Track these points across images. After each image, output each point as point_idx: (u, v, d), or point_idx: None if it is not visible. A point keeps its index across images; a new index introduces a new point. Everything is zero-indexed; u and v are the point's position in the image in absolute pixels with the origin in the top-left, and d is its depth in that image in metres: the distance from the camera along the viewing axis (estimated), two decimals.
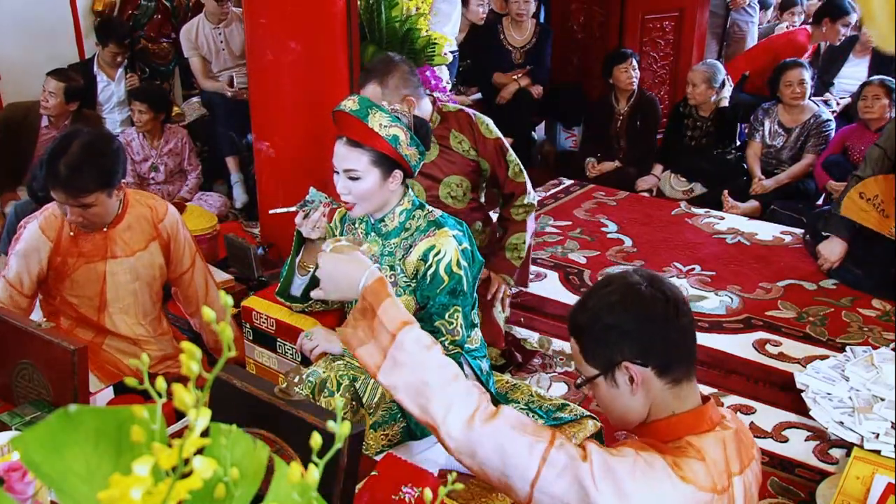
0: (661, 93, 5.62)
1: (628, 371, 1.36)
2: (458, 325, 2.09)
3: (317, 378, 2.13)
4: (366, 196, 2.10)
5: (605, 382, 1.39)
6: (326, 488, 1.39)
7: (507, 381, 2.38)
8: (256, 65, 3.65)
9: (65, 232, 2.43)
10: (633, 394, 1.38)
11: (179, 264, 2.65)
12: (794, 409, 2.92)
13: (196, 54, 4.92)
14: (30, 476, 1.23)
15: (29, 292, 2.47)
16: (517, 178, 3.03)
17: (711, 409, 1.41)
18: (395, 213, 2.16)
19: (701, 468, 1.28)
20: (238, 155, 4.83)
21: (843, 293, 3.76)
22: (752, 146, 4.85)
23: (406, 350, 1.36)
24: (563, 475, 1.25)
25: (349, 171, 2.08)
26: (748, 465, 1.39)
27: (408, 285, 2.13)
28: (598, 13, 5.60)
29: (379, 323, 1.39)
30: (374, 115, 2.05)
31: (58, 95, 4.21)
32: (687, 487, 1.25)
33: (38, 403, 1.97)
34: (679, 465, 1.27)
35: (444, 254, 2.06)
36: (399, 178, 2.12)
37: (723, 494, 1.30)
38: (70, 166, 2.25)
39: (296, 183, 3.71)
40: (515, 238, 3.06)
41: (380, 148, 2.05)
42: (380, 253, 2.17)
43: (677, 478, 1.25)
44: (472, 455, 1.32)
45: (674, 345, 1.39)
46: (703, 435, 1.35)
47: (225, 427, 0.75)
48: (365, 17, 3.80)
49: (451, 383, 1.35)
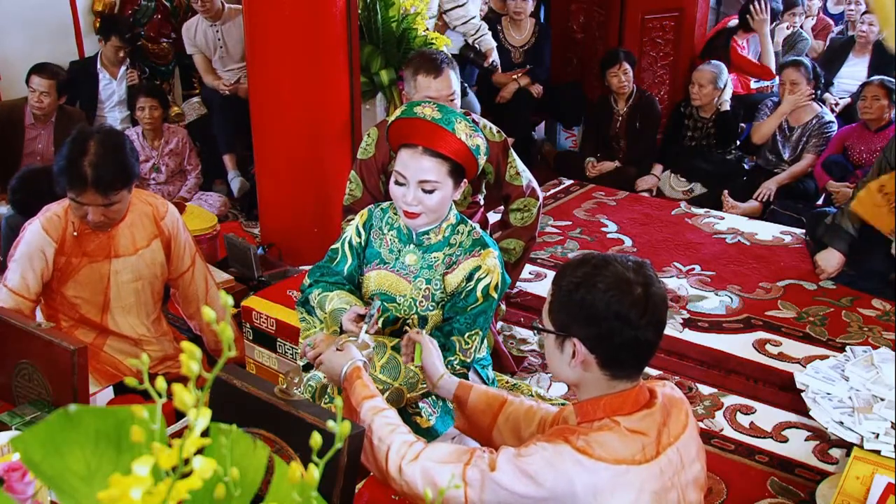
0: (661, 93, 5.62)
1: (574, 347, 1.43)
2: (472, 348, 2.06)
3: (317, 382, 2.12)
4: (436, 208, 1.99)
5: (554, 341, 1.48)
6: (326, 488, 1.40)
7: (507, 381, 2.38)
8: (256, 65, 3.65)
9: (68, 232, 2.42)
10: (570, 366, 1.45)
11: (180, 263, 2.64)
12: (794, 409, 2.92)
13: (198, 51, 4.92)
14: (30, 476, 1.23)
15: (35, 296, 2.43)
16: (514, 180, 2.97)
17: (640, 391, 1.45)
18: (441, 228, 2.07)
19: (617, 442, 1.36)
20: (235, 152, 4.83)
21: (843, 293, 3.76)
22: (762, 126, 4.81)
23: (363, 418, 1.60)
24: (484, 488, 1.38)
25: (426, 183, 1.95)
26: (681, 434, 1.44)
27: (441, 300, 2.09)
28: (598, 13, 5.60)
29: (348, 397, 1.68)
30: (459, 123, 1.95)
31: (50, 93, 4.17)
32: (598, 464, 1.34)
33: (38, 403, 1.97)
34: (590, 444, 1.35)
35: (487, 276, 2.02)
36: (463, 187, 2.04)
37: (650, 462, 1.36)
38: (95, 165, 2.23)
39: (296, 183, 3.72)
40: (512, 243, 3.03)
41: (460, 157, 1.95)
42: (418, 266, 2.11)
43: (586, 457, 1.34)
44: (413, 492, 1.46)
45: (627, 350, 1.42)
46: (630, 415, 1.41)
47: (225, 427, 0.75)
48: (363, 18, 3.80)
49: (389, 435, 1.52)
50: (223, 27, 4.88)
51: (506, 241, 3.02)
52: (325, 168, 3.66)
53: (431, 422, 2.11)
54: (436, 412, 2.13)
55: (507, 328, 3.47)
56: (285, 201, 3.76)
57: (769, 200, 4.68)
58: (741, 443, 2.77)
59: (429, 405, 2.14)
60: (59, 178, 2.28)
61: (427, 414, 2.12)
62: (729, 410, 2.95)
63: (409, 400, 2.07)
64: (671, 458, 1.40)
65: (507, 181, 2.97)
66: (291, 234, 3.80)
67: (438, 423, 2.12)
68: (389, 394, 2.11)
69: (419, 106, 2.00)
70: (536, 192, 3.03)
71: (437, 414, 2.13)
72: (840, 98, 5.58)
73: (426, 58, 2.73)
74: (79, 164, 2.23)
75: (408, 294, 2.09)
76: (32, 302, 2.43)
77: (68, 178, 2.25)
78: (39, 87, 4.16)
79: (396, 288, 2.11)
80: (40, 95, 4.17)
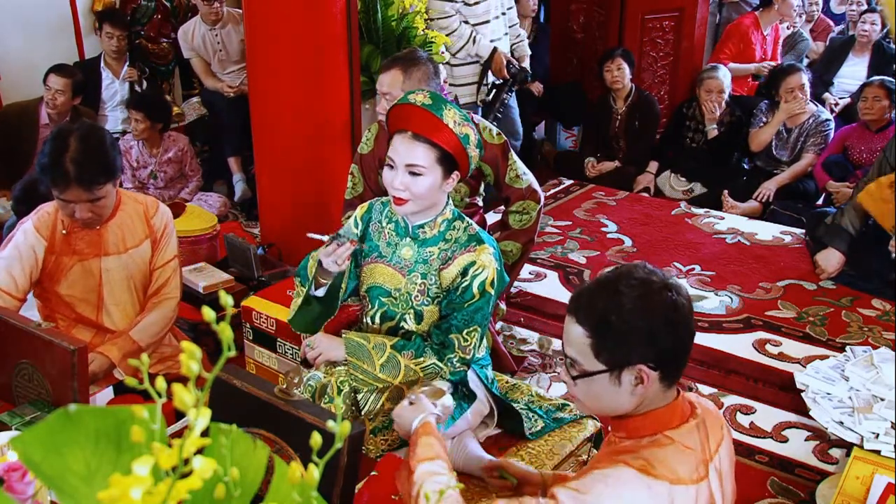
0: (662, 93, 5.62)
1: (640, 373, 1.33)
2: (471, 345, 2.06)
3: (317, 382, 2.13)
4: (423, 194, 2.02)
5: (609, 379, 1.36)
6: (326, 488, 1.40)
7: (507, 382, 2.38)
8: (256, 65, 3.65)
9: (58, 230, 2.42)
10: (633, 393, 1.35)
11: (158, 258, 2.58)
12: (794, 409, 2.92)
13: (195, 55, 4.92)
14: (30, 476, 1.23)
15: (22, 294, 2.43)
16: (514, 182, 2.96)
17: (682, 402, 1.41)
18: (437, 222, 2.09)
19: (680, 458, 1.30)
20: (241, 155, 4.83)
21: (843, 293, 3.76)
22: (759, 133, 4.81)
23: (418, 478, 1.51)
24: None
25: (412, 167, 1.99)
26: (718, 447, 1.40)
27: (437, 296, 2.10)
28: (598, 13, 5.60)
29: (412, 452, 1.60)
30: (448, 110, 2.00)
31: (65, 92, 4.21)
32: (662, 485, 1.26)
33: (38, 403, 1.97)
34: (651, 464, 1.27)
35: (482, 271, 2.02)
36: (455, 180, 2.06)
37: (700, 483, 1.31)
38: (77, 161, 2.23)
39: (296, 183, 3.72)
40: (510, 245, 3.02)
41: (449, 145, 1.99)
42: (413, 259, 2.14)
43: (651, 478, 1.26)
44: None
45: (683, 352, 1.38)
46: (678, 428, 1.36)
47: (225, 427, 0.75)
48: (362, 17, 3.80)
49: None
50: (223, 31, 4.88)
51: (503, 244, 3.01)
52: (325, 168, 3.66)
53: None
54: None
55: (507, 328, 3.47)
56: (285, 201, 3.76)
57: (769, 200, 4.68)
58: (741, 443, 2.77)
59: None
60: (43, 176, 2.29)
61: None
62: (729, 410, 2.95)
63: None
64: (714, 475, 1.36)
65: (507, 183, 2.96)
66: (291, 234, 3.79)
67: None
68: (390, 392, 2.12)
69: (413, 93, 2.05)
70: (537, 194, 3.02)
71: None
72: (840, 98, 5.58)
73: (392, 56, 2.87)
74: (61, 161, 2.23)
75: (403, 288, 2.11)
76: (19, 301, 2.42)
77: (51, 177, 2.26)
78: (55, 86, 4.19)
79: (392, 281, 2.12)
80: (55, 94, 4.20)
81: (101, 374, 2.38)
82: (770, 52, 5.69)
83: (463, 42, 4.40)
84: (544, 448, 2.16)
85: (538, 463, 2.10)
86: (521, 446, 2.17)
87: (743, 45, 5.58)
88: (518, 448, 2.17)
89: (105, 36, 4.71)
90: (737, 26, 5.71)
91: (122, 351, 2.43)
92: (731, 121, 4.96)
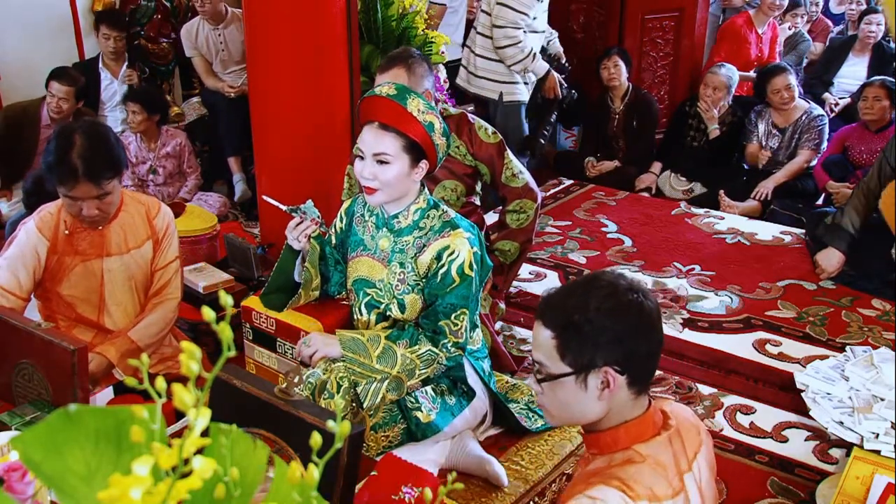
0: (662, 92, 5.62)
1: (606, 375, 1.32)
2: (462, 328, 2.09)
3: (317, 379, 2.13)
4: (391, 183, 2.08)
5: (574, 382, 1.34)
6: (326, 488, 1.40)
7: (507, 381, 2.39)
8: (256, 65, 3.65)
9: (60, 230, 2.43)
10: (600, 398, 1.34)
11: (160, 259, 2.59)
12: (794, 409, 2.92)
13: (197, 54, 4.92)
14: (30, 476, 1.23)
15: (26, 294, 2.44)
16: (510, 182, 2.96)
17: (654, 413, 1.39)
18: (410, 211, 2.15)
19: (653, 476, 1.28)
20: (241, 155, 4.83)
21: (843, 293, 3.76)
22: (751, 147, 4.85)
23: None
24: None
25: (379, 155, 2.06)
26: (696, 455, 1.38)
27: (417, 283, 2.14)
28: (598, 13, 5.60)
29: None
30: (413, 100, 2.06)
31: (69, 99, 4.18)
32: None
33: (38, 403, 1.97)
34: (629, 484, 1.25)
35: (457, 255, 2.07)
36: (424, 169, 2.12)
37: (677, 497, 1.29)
38: (84, 157, 2.24)
39: (296, 183, 3.71)
40: (507, 244, 3.02)
41: (414, 133, 2.05)
42: (391, 249, 2.17)
43: (631, 500, 1.24)
44: None
45: (652, 357, 1.37)
46: (650, 441, 1.34)
47: (225, 427, 0.75)
48: (362, 17, 3.80)
49: None
50: (225, 31, 4.88)
51: (501, 243, 3.02)
52: (325, 168, 3.66)
53: (432, 416, 2.14)
54: (436, 407, 2.15)
55: (507, 328, 3.47)
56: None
57: (769, 200, 4.68)
58: (741, 443, 2.77)
59: (429, 400, 2.16)
60: (50, 174, 2.29)
61: (427, 409, 2.14)
62: (729, 410, 2.95)
63: (409, 388, 2.10)
64: (692, 485, 1.34)
65: (504, 183, 2.97)
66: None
67: (438, 419, 2.14)
68: (389, 383, 2.13)
69: (381, 86, 2.13)
70: (534, 193, 3.02)
71: (438, 409, 2.15)
72: (840, 98, 5.58)
73: (388, 56, 2.91)
74: (67, 157, 2.24)
75: (385, 279, 2.15)
76: (23, 300, 2.44)
77: (59, 174, 2.26)
78: (59, 94, 4.16)
79: (374, 273, 2.18)
80: (59, 101, 4.17)
81: (99, 375, 2.38)
82: (767, 51, 5.67)
83: (522, 56, 4.47)
84: (544, 448, 2.16)
85: (538, 463, 2.10)
86: (521, 446, 2.17)
87: (737, 44, 5.58)
88: (518, 448, 2.17)
89: (102, 37, 4.71)
90: (730, 26, 5.71)
91: (121, 351, 2.43)
92: (732, 121, 4.96)
